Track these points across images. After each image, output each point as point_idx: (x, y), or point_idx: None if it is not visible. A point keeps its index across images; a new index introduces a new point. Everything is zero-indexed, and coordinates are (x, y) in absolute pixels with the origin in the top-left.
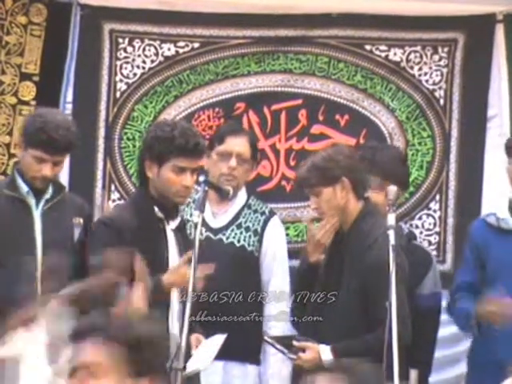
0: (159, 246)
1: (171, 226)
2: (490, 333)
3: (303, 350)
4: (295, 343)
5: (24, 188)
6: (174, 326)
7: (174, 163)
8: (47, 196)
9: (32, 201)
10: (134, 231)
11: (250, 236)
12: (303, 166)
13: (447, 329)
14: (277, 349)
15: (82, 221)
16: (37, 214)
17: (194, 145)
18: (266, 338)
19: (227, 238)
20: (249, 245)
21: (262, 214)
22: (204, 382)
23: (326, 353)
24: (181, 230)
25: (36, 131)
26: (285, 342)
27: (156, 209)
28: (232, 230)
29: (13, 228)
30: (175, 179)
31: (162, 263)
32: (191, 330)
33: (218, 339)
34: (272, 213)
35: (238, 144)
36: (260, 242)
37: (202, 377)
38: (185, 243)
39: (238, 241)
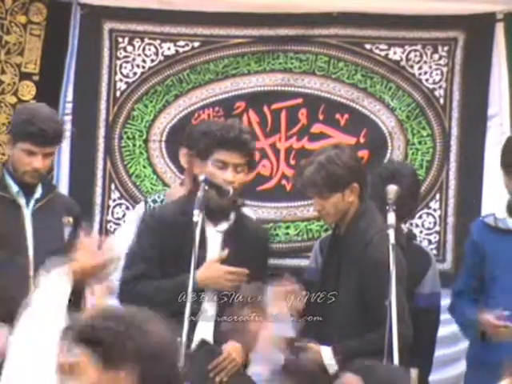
0: (191, 244)
1: (219, 228)
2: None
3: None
4: (296, 344)
5: (14, 188)
6: (204, 328)
7: (217, 157)
8: (37, 195)
9: (22, 200)
10: (169, 227)
11: None
12: (309, 167)
13: (447, 328)
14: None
15: (71, 220)
16: (27, 214)
17: (237, 139)
18: None
19: None
20: None
21: None
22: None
23: (327, 353)
24: (237, 234)
25: (24, 124)
26: (285, 342)
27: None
28: None
29: (3, 228)
30: (218, 174)
31: (190, 262)
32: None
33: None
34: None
35: None
36: None
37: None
38: (241, 247)
39: None
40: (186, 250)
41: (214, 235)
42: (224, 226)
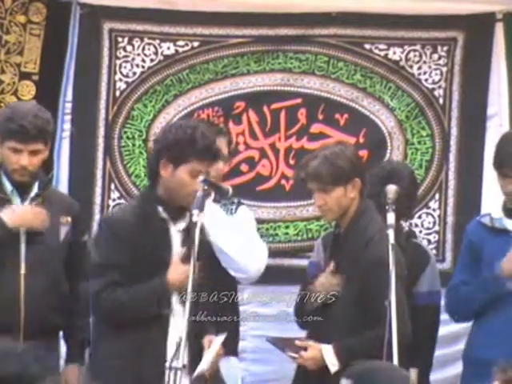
0: (159, 246)
1: (178, 227)
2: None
3: (305, 348)
4: (297, 342)
5: (8, 187)
6: (176, 326)
7: (193, 166)
8: (32, 194)
9: (17, 199)
10: (133, 230)
11: None
12: (314, 160)
13: (447, 328)
14: (278, 348)
15: (69, 219)
16: None
17: (215, 150)
18: (267, 338)
19: None
20: None
21: (232, 203)
22: None
23: (328, 352)
24: (190, 232)
25: (6, 122)
26: (285, 342)
27: (160, 209)
28: None
29: None
30: (190, 182)
31: (162, 264)
32: (204, 331)
33: (219, 339)
34: (241, 202)
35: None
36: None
37: None
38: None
39: None
40: (151, 250)
41: (176, 234)
42: (182, 225)
